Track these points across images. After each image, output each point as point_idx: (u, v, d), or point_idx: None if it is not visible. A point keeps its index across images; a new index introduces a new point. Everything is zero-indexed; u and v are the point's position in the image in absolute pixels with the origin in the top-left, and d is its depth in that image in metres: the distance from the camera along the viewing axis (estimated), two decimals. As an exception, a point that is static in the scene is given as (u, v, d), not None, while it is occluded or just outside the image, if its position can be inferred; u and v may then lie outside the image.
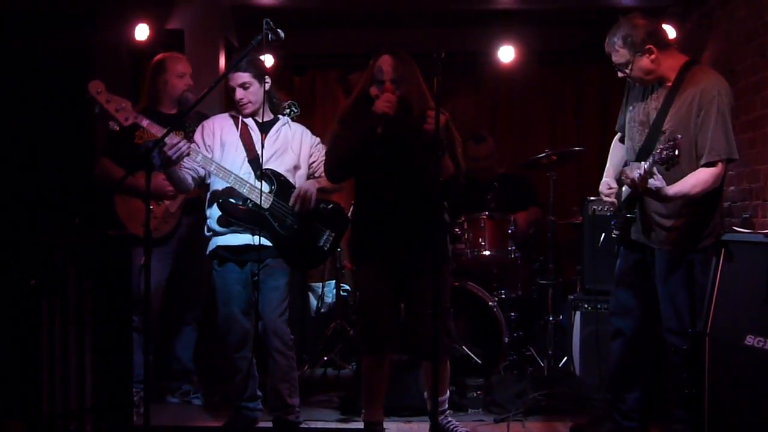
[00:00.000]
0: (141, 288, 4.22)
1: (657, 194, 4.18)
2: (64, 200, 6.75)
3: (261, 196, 4.69)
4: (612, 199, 4.66)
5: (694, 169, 4.24)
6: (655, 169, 4.14)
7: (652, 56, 4.36)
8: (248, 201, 4.74)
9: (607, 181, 4.71)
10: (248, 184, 4.72)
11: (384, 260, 4.54)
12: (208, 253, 4.88)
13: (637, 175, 4.17)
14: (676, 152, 4.03)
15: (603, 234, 5.33)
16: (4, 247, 4.28)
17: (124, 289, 4.39)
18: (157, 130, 4.66)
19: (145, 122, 4.67)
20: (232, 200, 4.75)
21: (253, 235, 4.71)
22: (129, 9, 6.88)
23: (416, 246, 4.41)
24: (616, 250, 4.72)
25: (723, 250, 4.05)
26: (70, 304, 4.23)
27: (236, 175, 4.71)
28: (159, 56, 5.63)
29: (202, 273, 5.52)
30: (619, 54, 4.38)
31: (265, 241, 4.70)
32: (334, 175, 4.68)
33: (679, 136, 4.10)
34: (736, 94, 5.37)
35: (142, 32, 6.82)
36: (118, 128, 4.87)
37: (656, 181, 4.14)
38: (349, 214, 5.05)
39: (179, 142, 4.55)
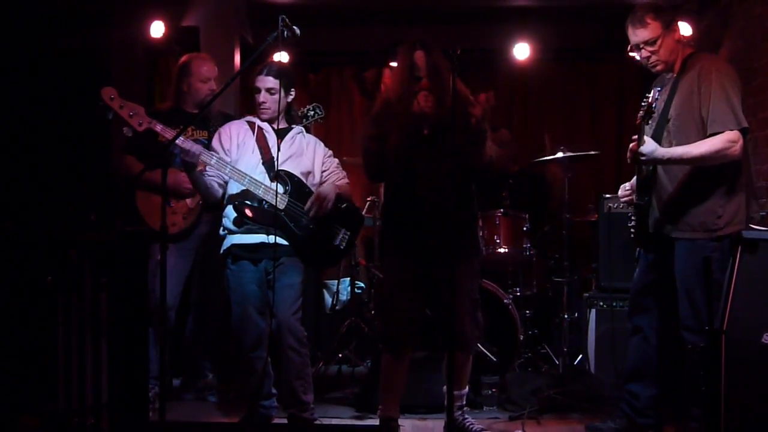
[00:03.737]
0: (158, 284, 4.23)
1: (654, 159, 4.25)
2: (80, 196, 6.77)
3: (276, 197, 4.69)
4: (627, 198, 4.67)
5: None
6: (646, 138, 4.22)
7: (677, 35, 4.40)
8: (264, 202, 4.74)
9: (626, 184, 4.72)
10: (263, 186, 4.73)
11: (415, 252, 4.55)
12: (222, 251, 4.88)
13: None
14: (654, 105, 4.21)
15: (624, 234, 5.34)
16: (20, 243, 4.30)
17: (141, 285, 4.39)
18: (171, 134, 4.66)
19: (158, 127, 4.67)
20: (247, 202, 4.75)
21: (267, 234, 4.71)
22: (144, 6, 6.90)
23: (448, 237, 4.37)
24: (636, 254, 4.71)
25: (740, 246, 4.03)
26: (87, 300, 4.23)
27: (251, 177, 4.72)
28: (185, 57, 5.62)
29: (220, 270, 5.52)
30: (650, 28, 4.36)
31: (281, 241, 4.71)
32: (375, 176, 4.76)
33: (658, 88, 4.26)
34: (753, 91, 5.37)
35: (157, 29, 6.84)
36: (132, 134, 4.88)
37: (647, 146, 4.22)
38: (364, 211, 5.06)
39: (193, 147, 4.59)
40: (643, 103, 4.27)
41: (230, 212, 4.80)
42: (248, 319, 4.80)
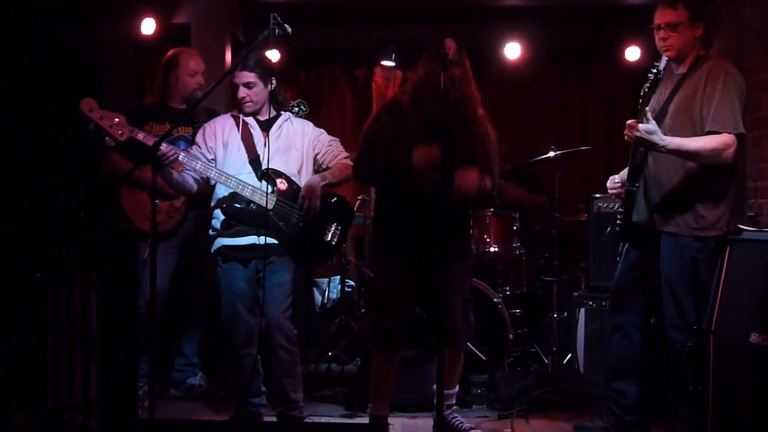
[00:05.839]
0: (146, 282, 4.22)
1: (651, 141, 4.21)
2: (70, 194, 6.76)
3: (267, 197, 4.68)
4: (616, 190, 4.68)
5: None
6: (649, 115, 4.20)
7: (699, 33, 4.42)
8: (252, 204, 4.74)
9: (615, 176, 4.72)
10: (250, 187, 4.71)
11: (408, 251, 4.55)
12: (212, 251, 4.88)
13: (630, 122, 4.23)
14: (660, 74, 4.24)
15: (608, 228, 5.34)
16: (10, 239, 4.29)
17: (130, 283, 4.39)
18: (153, 141, 4.60)
19: (140, 135, 4.64)
20: (236, 204, 4.74)
21: (258, 236, 4.71)
22: (135, 3, 6.89)
23: (441, 237, 4.34)
24: (620, 249, 4.72)
25: (728, 247, 4.05)
26: (76, 297, 4.23)
27: (237, 179, 4.70)
28: (172, 51, 5.63)
29: (208, 268, 5.53)
30: (677, 13, 4.39)
31: (271, 240, 4.70)
32: (363, 183, 4.74)
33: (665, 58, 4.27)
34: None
35: (148, 26, 6.83)
36: (114, 144, 4.88)
37: (649, 126, 4.19)
38: (355, 207, 5.03)
39: (169, 150, 4.58)
40: (650, 74, 4.27)
41: (219, 214, 4.80)
42: (238, 316, 4.79)
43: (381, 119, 4.63)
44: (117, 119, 4.58)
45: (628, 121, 4.25)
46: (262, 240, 4.65)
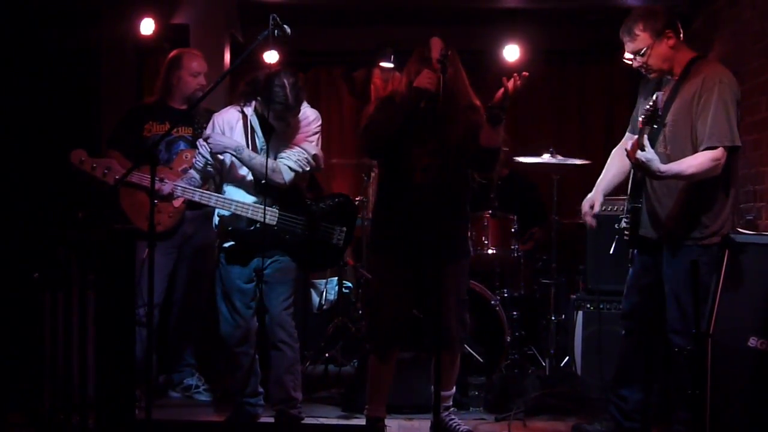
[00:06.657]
0: (144, 282, 4.22)
1: (648, 169, 4.19)
2: (68, 194, 6.74)
3: (264, 212, 4.66)
4: (590, 220, 4.68)
5: None
6: (646, 142, 4.15)
7: (671, 42, 4.38)
8: (255, 223, 4.73)
9: (592, 198, 4.73)
10: (251, 208, 4.70)
11: (405, 252, 4.55)
12: (222, 248, 4.88)
13: (629, 144, 4.22)
14: (658, 110, 4.09)
15: (614, 243, 5.33)
16: (8, 240, 4.29)
17: (128, 283, 4.39)
18: (147, 182, 4.53)
19: (134, 178, 4.65)
20: (241, 226, 4.75)
21: (263, 258, 4.70)
22: (134, 4, 6.88)
23: (439, 236, 4.33)
24: (630, 255, 4.71)
25: (727, 250, 4.04)
26: (74, 297, 4.23)
27: (237, 203, 4.70)
28: (176, 51, 5.65)
29: (205, 269, 5.52)
30: (639, 39, 4.37)
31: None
32: (371, 149, 4.70)
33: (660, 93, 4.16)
34: (741, 95, 5.38)
35: (147, 27, 6.82)
36: (108, 189, 4.88)
37: (647, 154, 4.15)
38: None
39: (167, 189, 4.65)
40: (648, 107, 4.26)
41: (218, 212, 4.82)
42: (237, 314, 4.80)
43: (379, 108, 4.63)
44: (108, 164, 4.61)
45: (630, 146, 4.25)
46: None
